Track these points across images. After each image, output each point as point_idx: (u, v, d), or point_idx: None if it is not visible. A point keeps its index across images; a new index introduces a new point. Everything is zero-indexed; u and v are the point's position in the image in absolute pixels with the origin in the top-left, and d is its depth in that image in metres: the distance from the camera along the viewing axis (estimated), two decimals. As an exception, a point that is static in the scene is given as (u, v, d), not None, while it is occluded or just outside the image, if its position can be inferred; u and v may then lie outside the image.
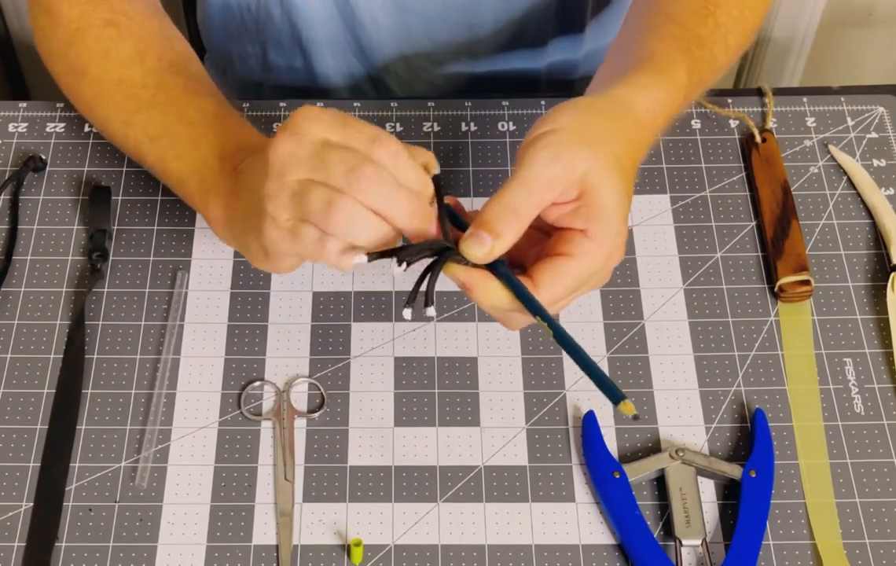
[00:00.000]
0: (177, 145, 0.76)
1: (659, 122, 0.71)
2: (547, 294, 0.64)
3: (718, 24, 0.76)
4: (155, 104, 0.77)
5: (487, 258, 0.63)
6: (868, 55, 1.64)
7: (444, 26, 0.97)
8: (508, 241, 0.63)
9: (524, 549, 0.72)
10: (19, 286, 0.83)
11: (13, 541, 0.72)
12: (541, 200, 0.63)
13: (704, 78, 0.75)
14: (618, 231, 0.65)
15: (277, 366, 0.79)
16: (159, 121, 0.76)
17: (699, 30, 0.75)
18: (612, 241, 0.64)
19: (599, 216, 0.64)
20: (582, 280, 0.65)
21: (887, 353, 0.80)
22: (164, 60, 0.79)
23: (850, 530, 0.73)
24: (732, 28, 0.77)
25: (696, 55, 0.74)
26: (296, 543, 0.72)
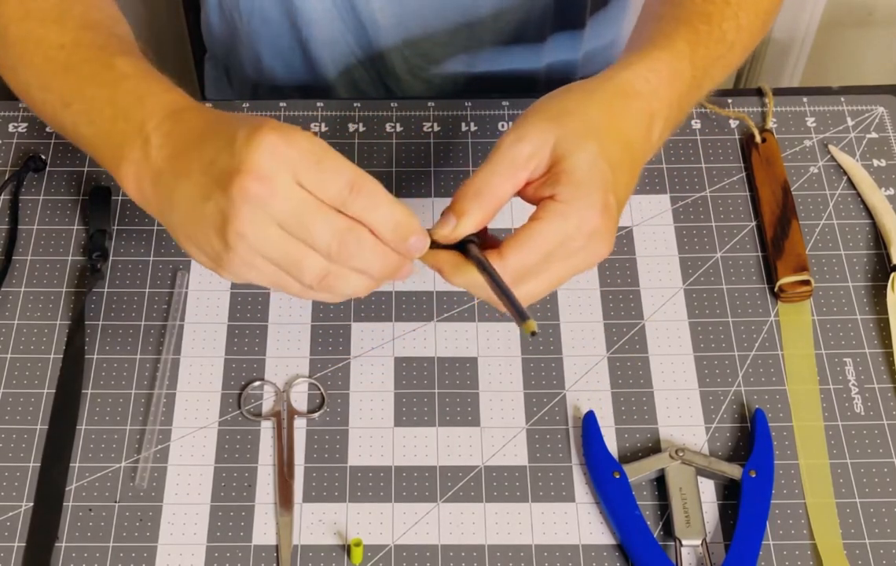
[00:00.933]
0: (89, 109, 0.69)
1: (660, 88, 0.69)
2: (514, 260, 0.63)
3: (728, 2, 0.74)
4: (70, 65, 0.71)
5: (453, 236, 0.64)
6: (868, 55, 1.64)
7: (443, 26, 0.97)
8: (473, 219, 0.63)
9: (524, 549, 0.72)
10: (19, 286, 0.83)
11: (13, 541, 0.72)
12: (509, 180, 0.63)
13: (714, 52, 0.73)
14: (591, 194, 0.63)
15: (277, 366, 0.79)
16: (73, 83, 0.70)
17: (704, 6, 0.74)
18: (583, 204, 0.63)
19: (567, 179, 0.63)
20: (550, 244, 0.63)
21: (887, 353, 0.80)
22: (84, 18, 0.73)
23: (850, 530, 0.73)
24: (744, 6, 0.75)
25: (698, 28, 0.72)
26: (296, 543, 0.72)
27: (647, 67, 0.69)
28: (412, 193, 0.87)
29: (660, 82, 0.69)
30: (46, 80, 0.72)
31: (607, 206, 0.64)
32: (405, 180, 0.88)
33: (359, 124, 0.91)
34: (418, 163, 0.89)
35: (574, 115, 0.65)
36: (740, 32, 0.75)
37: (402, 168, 0.89)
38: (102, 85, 0.69)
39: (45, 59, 0.72)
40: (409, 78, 1.01)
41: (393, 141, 0.90)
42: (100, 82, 0.69)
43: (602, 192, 0.64)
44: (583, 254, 0.65)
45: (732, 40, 0.75)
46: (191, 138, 0.63)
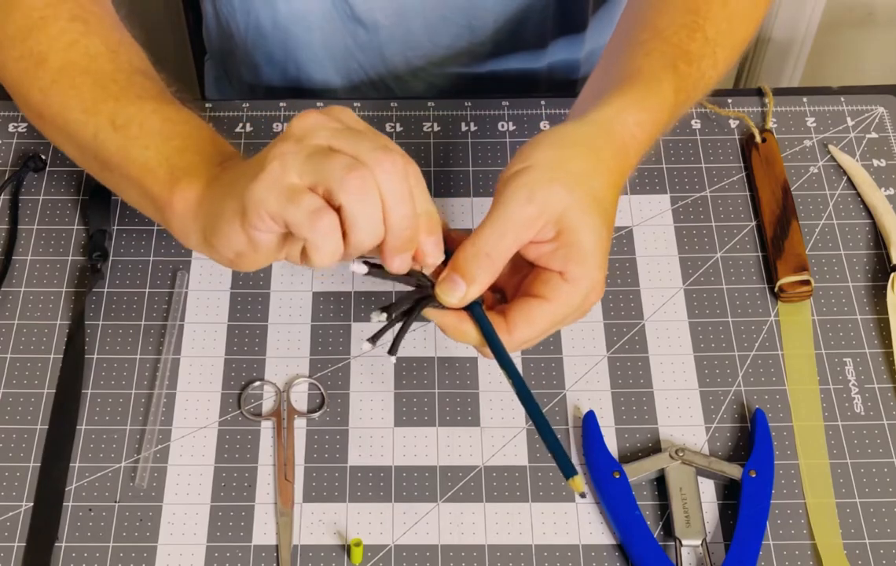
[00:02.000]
0: (147, 135, 0.70)
1: (643, 144, 0.70)
2: (520, 335, 0.64)
3: (707, 38, 0.74)
4: (124, 96, 0.72)
5: (461, 303, 0.64)
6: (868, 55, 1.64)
7: (444, 27, 0.97)
8: (482, 285, 0.63)
9: (524, 549, 0.72)
10: (19, 286, 0.83)
11: (13, 541, 0.72)
12: (516, 241, 0.63)
13: (692, 94, 0.74)
14: (596, 271, 0.64)
15: (277, 366, 0.79)
16: (129, 111, 0.72)
17: (687, 45, 0.73)
18: (589, 282, 0.64)
19: (577, 258, 0.63)
20: (556, 322, 0.65)
21: (887, 353, 0.80)
22: (136, 63, 0.76)
23: (850, 530, 0.73)
24: (721, 42, 0.75)
25: (682, 71, 0.72)
26: (296, 543, 0.72)
27: (636, 121, 0.69)
28: (412, 193, 0.87)
29: (644, 137, 0.70)
30: (93, 105, 0.73)
31: (604, 274, 0.65)
32: (405, 180, 0.88)
33: (359, 124, 0.91)
34: (418, 162, 0.88)
35: (583, 182, 0.65)
36: (716, 68, 0.76)
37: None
38: (167, 119, 0.71)
39: (97, 86, 0.73)
40: (410, 78, 1.01)
41: (393, 141, 0.90)
42: (164, 117, 0.71)
43: (602, 264, 0.65)
44: (576, 316, 0.67)
45: (710, 78, 0.76)
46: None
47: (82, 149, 0.75)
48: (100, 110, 0.72)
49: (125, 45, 0.77)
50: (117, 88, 0.73)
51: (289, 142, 0.60)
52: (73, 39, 0.75)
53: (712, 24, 0.75)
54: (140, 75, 0.75)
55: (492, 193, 0.66)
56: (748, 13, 0.79)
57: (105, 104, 0.72)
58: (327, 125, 0.61)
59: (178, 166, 0.68)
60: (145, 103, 0.72)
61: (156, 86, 0.75)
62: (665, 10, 0.76)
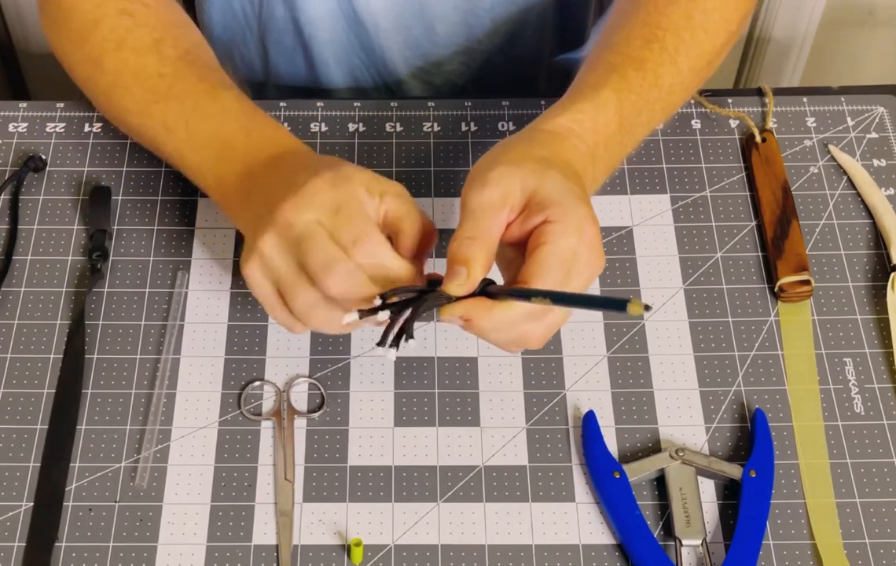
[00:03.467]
0: (193, 137, 0.76)
1: (584, 134, 0.72)
2: (541, 286, 0.64)
3: (665, 47, 0.76)
4: (172, 95, 0.77)
5: (470, 286, 0.65)
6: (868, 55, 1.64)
7: (443, 26, 0.97)
8: (480, 263, 0.65)
9: (524, 549, 0.72)
10: (19, 286, 0.83)
11: (13, 541, 0.72)
12: (493, 219, 0.66)
13: (647, 96, 0.76)
14: (578, 208, 0.65)
15: (277, 366, 0.79)
16: (176, 110, 0.77)
17: (640, 53, 0.76)
18: (576, 215, 0.65)
19: (550, 202, 0.65)
20: (566, 260, 0.65)
21: (887, 353, 0.80)
22: (180, 49, 0.79)
23: (850, 530, 0.73)
24: (683, 50, 0.77)
25: (629, 76, 0.75)
26: (296, 543, 0.72)
27: (569, 118, 0.72)
28: (412, 193, 0.86)
29: (583, 130, 0.72)
30: (146, 107, 0.78)
31: (594, 218, 0.66)
32: (405, 180, 0.87)
33: (359, 124, 0.91)
34: (418, 163, 0.89)
35: (525, 158, 0.68)
36: (680, 75, 0.78)
37: (402, 168, 0.89)
38: (207, 116, 0.76)
39: (145, 89, 0.78)
40: (410, 78, 1.01)
41: (393, 141, 0.90)
42: (204, 113, 0.76)
43: (585, 204, 0.66)
44: (589, 268, 0.66)
45: (671, 84, 0.77)
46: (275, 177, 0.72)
47: (149, 147, 0.81)
48: (152, 113, 0.78)
49: (170, 28, 0.80)
50: (165, 86, 0.77)
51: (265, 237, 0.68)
52: (121, 38, 0.79)
53: (672, 35, 0.77)
54: (183, 63, 0.78)
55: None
56: (717, 24, 0.80)
57: (156, 106, 0.78)
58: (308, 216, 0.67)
59: (219, 176, 0.75)
60: (188, 99, 0.77)
61: (195, 68, 0.78)
62: (623, 27, 0.79)
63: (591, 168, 0.72)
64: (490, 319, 0.65)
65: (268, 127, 0.76)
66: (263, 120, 0.77)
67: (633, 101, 0.74)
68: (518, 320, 0.65)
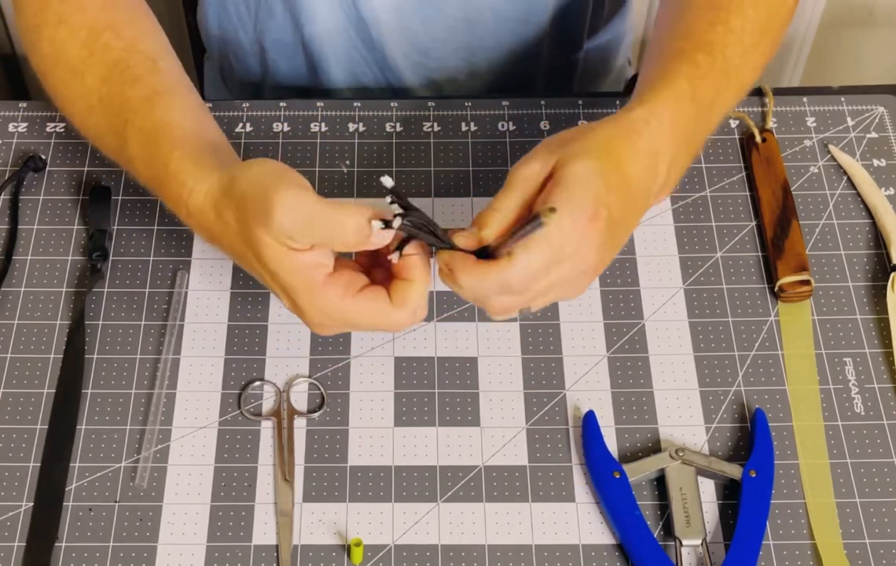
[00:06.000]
0: (139, 176, 0.75)
1: (661, 130, 0.70)
2: (523, 262, 0.64)
3: (730, 28, 0.75)
4: (104, 131, 0.76)
5: (475, 244, 0.66)
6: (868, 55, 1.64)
7: (442, 23, 0.97)
8: (492, 229, 0.66)
9: (524, 549, 0.72)
10: (19, 286, 0.83)
11: (13, 541, 0.72)
12: (520, 195, 0.67)
13: (719, 82, 0.74)
14: (582, 199, 0.65)
15: (277, 366, 0.79)
16: (115, 149, 0.76)
17: (706, 36, 0.75)
18: (573, 206, 0.64)
19: (562, 186, 0.65)
20: (555, 252, 0.64)
21: (887, 353, 0.80)
22: (108, 62, 0.76)
23: (850, 530, 0.73)
24: (749, 29, 0.76)
25: (698, 61, 0.73)
26: (296, 543, 0.72)
27: (647, 111, 0.71)
28: (412, 193, 0.87)
29: (661, 125, 0.70)
30: (94, 134, 0.77)
31: (597, 215, 0.65)
32: (405, 180, 0.88)
33: (359, 124, 0.91)
34: (418, 163, 0.89)
35: (576, 140, 0.68)
36: (746, 55, 0.76)
37: (402, 168, 0.89)
38: (132, 161, 0.74)
39: (83, 118, 0.77)
40: (410, 74, 1.01)
41: (393, 141, 0.90)
42: (125, 161, 0.75)
43: (592, 200, 0.65)
44: (572, 261, 0.66)
45: (738, 64, 0.76)
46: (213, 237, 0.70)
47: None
48: (103, 143, 0.77)
49: (102, 34, 0.77)
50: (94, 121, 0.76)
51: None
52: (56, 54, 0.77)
53: (736, 15, 0.76)
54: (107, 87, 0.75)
55: (492, 193, 0.67)
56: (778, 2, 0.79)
57: (101, 141, 0.77)
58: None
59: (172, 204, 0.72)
60: (114, 140, 0.75)
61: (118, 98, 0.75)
62: (685, 11, 0.78)
63: (659, 167, 0.70)
64: (466, 276, 0.65)
65: (163, 179, 0.72)
66: (159, 164, 0.72)
67: (705, 87, 0.73)
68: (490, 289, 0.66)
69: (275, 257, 0.65)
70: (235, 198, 0.67)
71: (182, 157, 0.70)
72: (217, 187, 0.68)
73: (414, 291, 0.66)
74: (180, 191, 0.70)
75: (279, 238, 0.64)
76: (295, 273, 0.66)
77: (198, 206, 0.69)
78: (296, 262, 0.65)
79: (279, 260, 0.65)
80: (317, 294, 0.66)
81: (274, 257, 0.65)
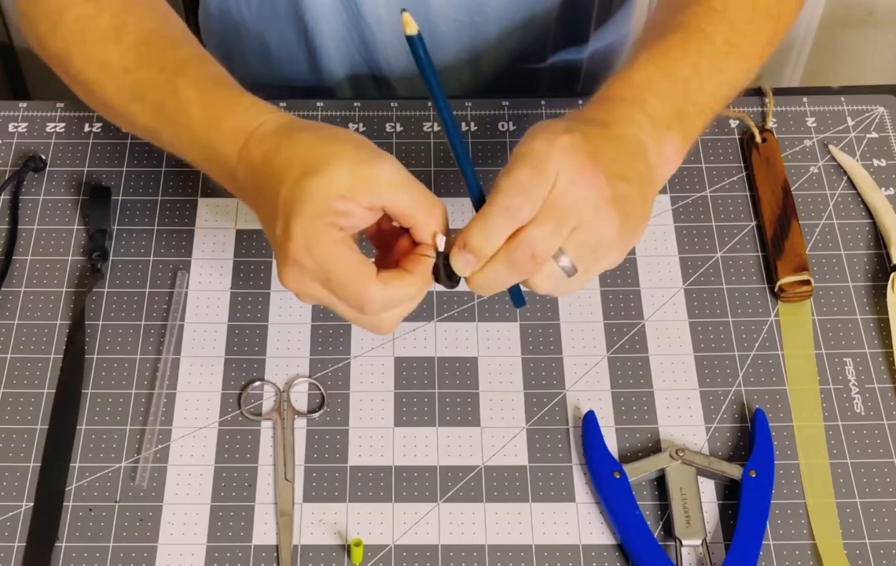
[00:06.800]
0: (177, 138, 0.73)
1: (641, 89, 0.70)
2: (476, 232, 0.64)
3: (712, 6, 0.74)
4: (141, 93, 0.73)
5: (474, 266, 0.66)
6: (868, 55, 1.64)
7: (447, 25, 0.97)
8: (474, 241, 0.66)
9: (524, 549, 0.72)
10: (19, 286, 0.83)
11: (13, 541, 0.72)
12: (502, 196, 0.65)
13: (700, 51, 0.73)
14: (557, 126, 0.64)
15: (277, 366, 0.79)
16: (150, 111, 0.73)
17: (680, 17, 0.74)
18: (546, 131, 0.64)
19: (516, 154, 0.64)
20: (509, 216, 0.63)
21: (887, 353, 0.80)
22: (143, 31, 0.75)
23: (850, 530, 0.73)
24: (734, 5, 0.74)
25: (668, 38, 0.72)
26: (296, 543, 0.72)
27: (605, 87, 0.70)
28: (412, 193, 0.87)
29: (619, 89, 0.70)
30: (124, 106, 0.75)
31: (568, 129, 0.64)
32: (405, 180, 0.88)
33: (359, 124, 0.91)
34: (418, 163, 0.89)
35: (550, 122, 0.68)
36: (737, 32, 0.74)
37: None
38: (174, 115, 0.72)
39: (116, 86, 0.74)
40: (412, 76, 1.01)
41: (393, 141, 0.90)
42: (171, 113, 0.72)
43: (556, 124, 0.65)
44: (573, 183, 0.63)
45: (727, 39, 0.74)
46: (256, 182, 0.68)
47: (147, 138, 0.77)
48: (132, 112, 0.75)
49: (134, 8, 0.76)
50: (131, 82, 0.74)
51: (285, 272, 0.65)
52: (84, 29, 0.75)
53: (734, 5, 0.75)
54: (145, 49, 0.74)
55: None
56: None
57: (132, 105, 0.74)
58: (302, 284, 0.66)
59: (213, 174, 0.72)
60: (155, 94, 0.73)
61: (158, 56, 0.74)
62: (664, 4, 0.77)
63: (637, 115, 0.69)
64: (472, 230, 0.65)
65: (231, 111, 0.70)
66: (225, 101, 0.71)
67: (676, 55, 0.72)
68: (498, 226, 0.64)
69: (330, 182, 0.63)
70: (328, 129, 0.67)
71: (257, 99, 0.71)
72: (297, 120, 0.68)
73: (403, 284, 0.64)
74: (250, 123, 0.68)
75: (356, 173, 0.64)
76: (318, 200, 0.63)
77: (267, 134, 0.67)
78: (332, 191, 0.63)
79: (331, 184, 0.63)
80: (315, 224, 0.63)
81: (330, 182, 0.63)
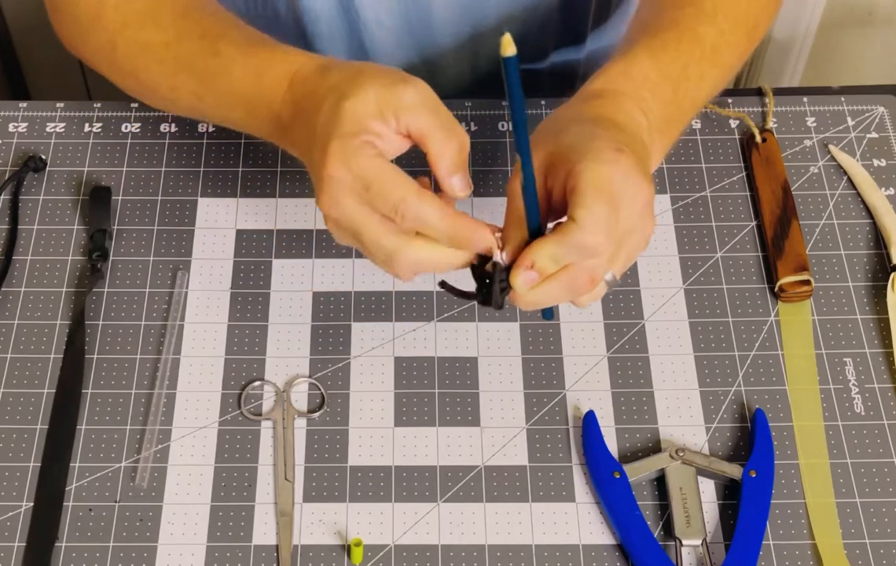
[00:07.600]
0: (220, 101, 0.75)
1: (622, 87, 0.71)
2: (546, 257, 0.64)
3: (702, 8, 0.75)
4: (182, 62, 0.76)
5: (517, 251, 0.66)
6: (868, 55, 1.64)
7: (448, 28, 0.97)
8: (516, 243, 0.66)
9: (524, 549, 0.72)
10: (19, 286, 0.83)
11: (13, 541, 0.72)
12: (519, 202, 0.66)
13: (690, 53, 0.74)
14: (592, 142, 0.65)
15: (277, 366, 0.79)
16: (194, 80, 0.76)
17: (672, 15, 0.75)
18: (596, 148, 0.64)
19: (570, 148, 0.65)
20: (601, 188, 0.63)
21: (887, 353, 0.80)
22: (179, 4, 0.78)
23: (850, 530, 0.73)
24: (721, 9, 0.76)
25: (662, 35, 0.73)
26: (296, 543, 0.72)
27: (602, 80, 0.72)
28: (412, 193, 0.87)
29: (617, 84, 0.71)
30: (169, 81, 0.77)
31: (626, 150, 0.65)
32: (405, 180, 0.88)
33: (359, 124, 0.91)
34: (419, 163, 0.89)
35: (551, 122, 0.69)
36: (724, 35, 0.76)
37: (403, 168, 0.88)
38: (218, 76, 0.74)
39: (159, 62, 0.77)
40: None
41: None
42: (215, 74, 0.75)
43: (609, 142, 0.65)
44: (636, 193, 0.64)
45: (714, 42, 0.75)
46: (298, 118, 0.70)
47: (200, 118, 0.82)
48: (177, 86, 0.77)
49: None
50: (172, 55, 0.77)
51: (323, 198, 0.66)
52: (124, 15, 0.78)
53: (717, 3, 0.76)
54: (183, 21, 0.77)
55: (492, 193, 0.67)
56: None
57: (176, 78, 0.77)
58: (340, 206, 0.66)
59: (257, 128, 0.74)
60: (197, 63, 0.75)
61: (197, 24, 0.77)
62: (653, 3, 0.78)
63: (637, 114, 0.70)
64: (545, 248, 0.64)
65: (273, 60, 0.74)
66: (266, 53, 0.74)
67: (671, 55, 0.73)
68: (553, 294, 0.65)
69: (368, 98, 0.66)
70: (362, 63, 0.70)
71: (291, 47, 0.73)
72: (333, 59, 0.71)
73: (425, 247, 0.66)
74: (290, 68, 0.71)
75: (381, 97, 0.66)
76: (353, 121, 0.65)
77: (307, 74, 0.70)
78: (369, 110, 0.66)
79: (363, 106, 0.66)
80: (352, 141, 0.65)
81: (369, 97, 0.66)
